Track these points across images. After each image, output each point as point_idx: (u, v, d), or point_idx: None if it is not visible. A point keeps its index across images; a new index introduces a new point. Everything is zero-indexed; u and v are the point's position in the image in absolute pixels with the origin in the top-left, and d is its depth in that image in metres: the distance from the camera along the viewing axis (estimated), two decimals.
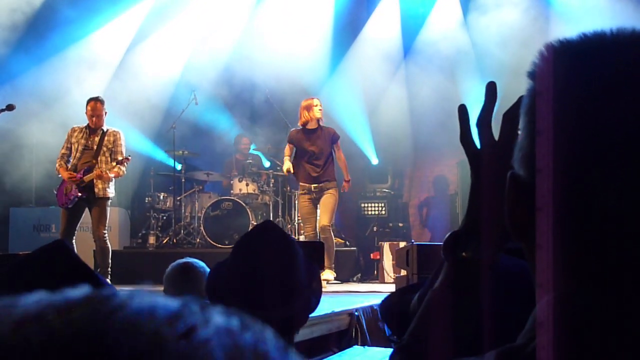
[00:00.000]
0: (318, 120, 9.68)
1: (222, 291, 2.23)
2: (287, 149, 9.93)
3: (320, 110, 9.69)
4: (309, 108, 9.64)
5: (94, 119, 9.27)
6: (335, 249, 10.22)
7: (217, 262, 2.39)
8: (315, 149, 9.59)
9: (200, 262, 4.00)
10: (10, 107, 8.99)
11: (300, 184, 9.77)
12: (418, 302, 1.60)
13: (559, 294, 0.83)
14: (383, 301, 2.05)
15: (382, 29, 13.45)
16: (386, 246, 11.53)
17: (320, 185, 9.62)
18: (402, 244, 11.37)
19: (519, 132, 0.94)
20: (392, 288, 9.52)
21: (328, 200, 9.60)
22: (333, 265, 9.90)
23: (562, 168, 0.83)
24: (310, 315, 2.38)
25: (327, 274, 9.40)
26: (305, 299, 2.28)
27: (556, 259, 0.83)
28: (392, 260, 11.22)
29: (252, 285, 2.16)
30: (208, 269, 3.91)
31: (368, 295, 8.72)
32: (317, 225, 9.85)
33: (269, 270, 2.19)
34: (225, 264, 2.29)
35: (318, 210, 9.85)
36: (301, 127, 9.74)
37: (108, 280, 9.28)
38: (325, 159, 9.65)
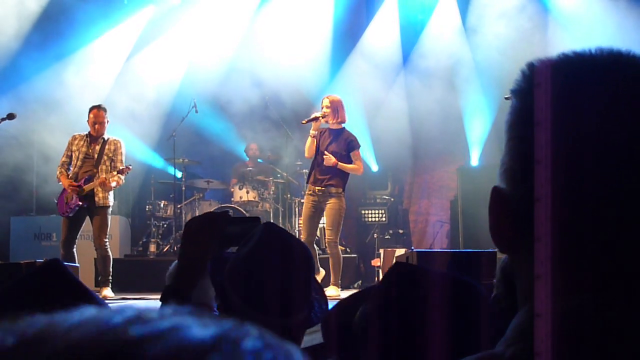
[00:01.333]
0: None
1: (225, 296, 2.24)
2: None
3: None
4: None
5: (96, 126, 9.30)
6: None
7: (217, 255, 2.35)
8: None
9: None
10: (11, 116, 9.02)
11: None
12: (359, 317, 1.57)
13: (556, 288, 0.85)
14: (329, 310, 1.99)
15: (381, 37, 13.46)
16: (386, 253, 11.52)
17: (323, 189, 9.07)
18: (402, 251, 11.38)
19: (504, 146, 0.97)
20: None
21: (332, 213, 9.05)
22: (339, 282, 9.44)
23: (560, 196, 0.85)
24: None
25: (332, 290, 9.13)
26: (310, 304, 2.28)
27: (554, 253, 0.85)
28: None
29: (253, 288, 2.17)
30: None
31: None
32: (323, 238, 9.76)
33: (271, 274, 2.20)
34: (228, 258, 2.28)
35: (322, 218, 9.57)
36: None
37: (109, 289, 9.31)
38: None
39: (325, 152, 8.90)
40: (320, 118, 9.00)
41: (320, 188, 8.99)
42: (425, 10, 13.46)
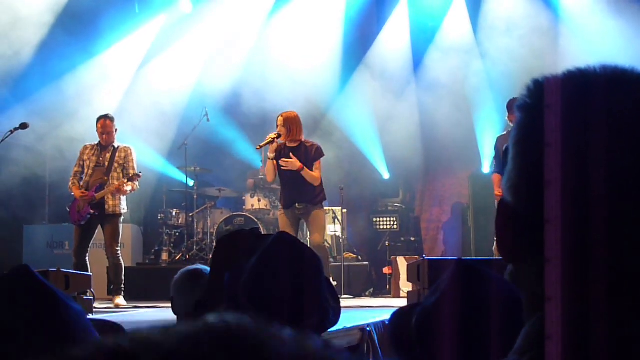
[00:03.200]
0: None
1: (235, 303, 2.25)
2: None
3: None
4: None
5: (104, 136, 9.35)
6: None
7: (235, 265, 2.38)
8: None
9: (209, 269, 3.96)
10: (24, 126, 9.07)
11: None
12: (415, 322, 1.62)
13: (567, 310, 0.86)
14: (391, 318, 2.06)
15: (392, 45, 13.48)
16: (398, 260, 11.52)
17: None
18: (414, 259, 11.38)
19: (509, 160, 0.98)
20: (404, 303, 9.51)
21: (316, 221, 8.65)
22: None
23: (571, 217, 0.87)
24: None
25: None
26: (324, 312, 2.29)
27: (565, 275, 0.86)
28: (405, 274, 11.22)
29: (265, 298, 2.18)
30: None
31: (380, 310, 8.69)
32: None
33: (284, 286, 2.21)
34: (242, 269, 2.30)
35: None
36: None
37: (122, 298, 9.33)
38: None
39: (288, 159, 8.47)
40: (275, 140, 8.61)
41: (299, 204, 8.54)
42: (436, 17, 13.47)
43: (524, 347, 0.89)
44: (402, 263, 11.43)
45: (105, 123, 9.35)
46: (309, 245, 7.86)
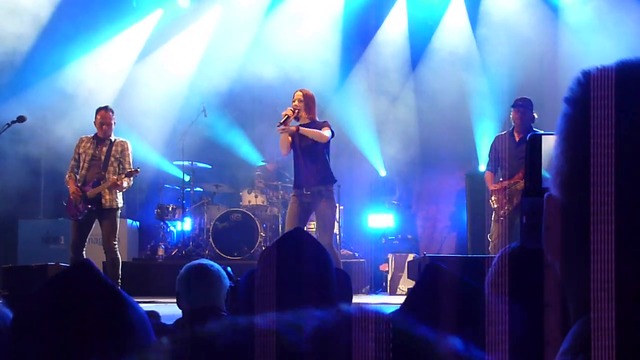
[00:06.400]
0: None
1: (253, 299, 2.24)
2: None
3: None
4: None
5: (104, 127, 9.28)
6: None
7: (248, 269, 2.39)
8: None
9: (215, 264, 3.94)
10: (21, 119, 9.04)
11: None
12: None
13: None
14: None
15: (390, 43, 13.49)
16: (395, 258, 11.53)
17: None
18: (410, 256, 11.39)
19: (555, 154, 0.95)
20: (401, 300, 9.51)
21: (326, 214, 8.38)
22: None
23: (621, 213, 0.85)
24: None
25: None
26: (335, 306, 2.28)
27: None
28: (401, 271, 11.23)
29: (281, 293, 2.16)
30: (223, 272, 3.89)
31: (377, 307, 8.70)
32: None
33: (299, 279, 2.20)
34: (256, 272, 2.30)
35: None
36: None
37: None
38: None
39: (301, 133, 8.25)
40: (292, 116, 8.32)
41: (307, 189, 8.30)
42: (434, 15, 13.47)
43: (576, 348, 0.87)
44: (398, 260, 11.46)
45: (105, 114, 9.30)
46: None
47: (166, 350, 0.50)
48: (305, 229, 8.29)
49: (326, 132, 8.26)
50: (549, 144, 1.10)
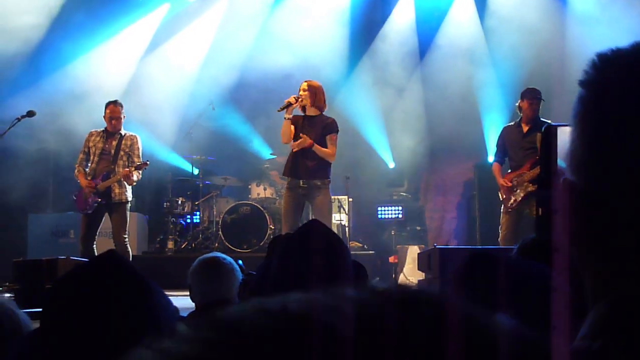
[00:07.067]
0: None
1: (268, 291, 2.24)
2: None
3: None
4: None
5: (113, 121, 9.30)
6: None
7: (262, 262, 2.40)
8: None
9: (227, 257, 3.96)
10: (30, 114, 9.06)
11: None
12: None
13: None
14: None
15: (397, 34, 13.46)
16: (404, 249, 11.53)
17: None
18: (420, 248, 11.39)
19: (571, 138, 0.95)
20: None
21: (321, 208, 8.36)
22: None
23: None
24: None
25: None
26: None
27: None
28: (410, 263, 11.23)
29: (298, 285, 2.17)
30: (236, 265, 3.90)
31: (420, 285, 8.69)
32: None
33: (316, 271, 2.21)
34: (271, 263, 2.31)
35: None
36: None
37: None
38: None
39: (301, 134, 8.22)
40: (294, 103, 8.29)
41: (304, 182, 8.29)
42: (442, 6, 13.44)
43: (594, 333, 0.87)
44: (408, 252, 11.46)
45: (114, 108, 9.32)
46: None
47: (186, 338, 0.49)
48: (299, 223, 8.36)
49: (331, 149, 8.28)
50: (564, 135, 1.11)
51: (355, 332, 0.46)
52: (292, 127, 8.33)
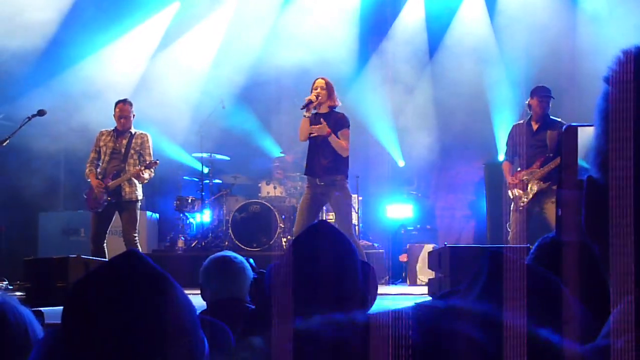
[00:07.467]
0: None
1: (278, 292, 2.25)
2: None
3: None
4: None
5: (122, 120, 9.32)
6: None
7: (272, 263, 2.41)
8: None
9: (238, 256, 3.96)
10: (41, 113, 9.07)
11: None
12: None
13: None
14: None
15: (408, 30, 13.45)
16: (414, 248, 11.52)
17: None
18: (430, 246, 11.37)
19: (595, 135, 0.95)
20: (421, 290, 9.51)
21: (342, 206, 8.36)
22: None
23: None
24: None
25: None
26: (361, 298, 2.29)
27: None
28: (420, 262, 11.21)
29: (308, 286, 2.17)
30: (247, 263, 3.90)
31: (397, 297, 8.71)
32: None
33: (325, 271, 2.21)
34: (281, 264, 2.31)
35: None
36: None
37: None
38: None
39: (322, 120, 8.26)
40: (314, 102, 8.31)
41: (320, 180, 8.29)
42: (452, 4, 13.42)
43: (619, 330, 0.87)
44: (417, 251, 11.44)
45: (123, 107, 9.33)
46: None
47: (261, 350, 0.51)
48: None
49: (344, 142, 8.25)
50: (583, 134, 1.10)
51: (425, 344, 0.49)
52: (310, 122, 8.32)
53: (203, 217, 12.20)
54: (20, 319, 1.69)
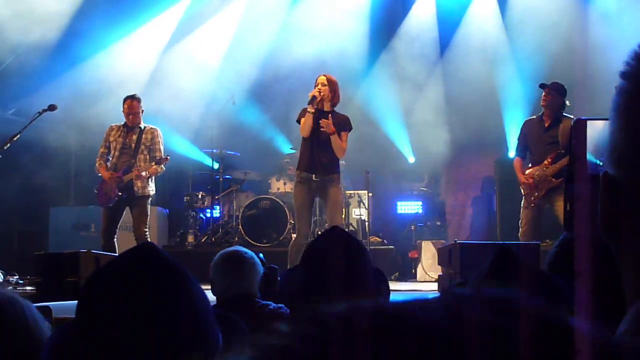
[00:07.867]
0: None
1: (293, 295, 2.25)
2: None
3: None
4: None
5: (130, 116, 9.33)
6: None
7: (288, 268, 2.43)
8: None
9: (249, 251, 3.97)
10: (52, 108, 9.09)
11: None
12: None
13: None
14: None
15: (418, 27, 13.41)
16: (424, 245, 11.50)
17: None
18: (440, 243, 11.35)
19: (610, 130, 0.94)
20: (430, 286, 9.50)
21: (334, 203, 8.41)
22: None
23: None
24: None
25: None
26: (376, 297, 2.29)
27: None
28: (430, 258, 11.20)
29: (321, 290, 2.18)
30: (257, 259, 3.91)
31: (407, 294, 8.69)
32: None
33: (338, 276, 2.21)
34: (296, 269, 2.32)
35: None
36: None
37: None
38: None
39: (329, 116, 8.28)
40: (318, 97, 8.31)
41: (316, 176, 8.32)
42: (463, 1, 13.38)
43: (635, 328, 0.86)
44: (427, 247, 11.42)
45: (132, 104, 9.33)
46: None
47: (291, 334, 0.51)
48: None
49: (344, 144, 8.32)
50: (592, 129, 1.09)
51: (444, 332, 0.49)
52: (313, 119, 8.32)
53: (213, 212, 12.22)
54: (20, 313, 1.68)
